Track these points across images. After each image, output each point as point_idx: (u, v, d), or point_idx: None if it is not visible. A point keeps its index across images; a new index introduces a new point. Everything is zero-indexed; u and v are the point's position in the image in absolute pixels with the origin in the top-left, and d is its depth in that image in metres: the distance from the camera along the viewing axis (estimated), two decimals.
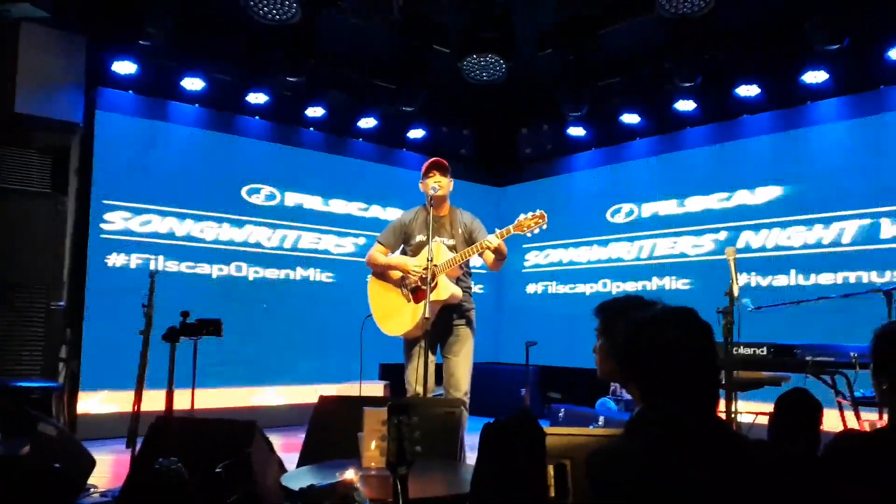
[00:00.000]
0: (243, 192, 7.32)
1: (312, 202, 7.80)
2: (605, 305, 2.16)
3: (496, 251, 3.88)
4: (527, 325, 8.49)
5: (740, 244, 6.91)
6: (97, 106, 6.42)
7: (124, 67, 6.35)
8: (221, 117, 7.22)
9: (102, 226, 6.46)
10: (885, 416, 1.87)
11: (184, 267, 6.90)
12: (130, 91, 6.65)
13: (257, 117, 7.42)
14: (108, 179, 6.46)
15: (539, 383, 8.13)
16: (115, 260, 6.51)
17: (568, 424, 6.75)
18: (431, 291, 3.83)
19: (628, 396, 5.90)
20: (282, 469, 3.24)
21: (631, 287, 7.89)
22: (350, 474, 2.08)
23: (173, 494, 2.67)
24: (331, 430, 3.22)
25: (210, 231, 7.09)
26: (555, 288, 8.79)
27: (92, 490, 4.01)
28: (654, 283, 7.73)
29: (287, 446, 4.84)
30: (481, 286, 8.79)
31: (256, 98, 7.14)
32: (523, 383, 7.06)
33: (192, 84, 6.75)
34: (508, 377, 7.79)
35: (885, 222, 6.07)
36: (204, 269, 7.03)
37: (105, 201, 6.48)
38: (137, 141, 6.68)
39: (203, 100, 7.01)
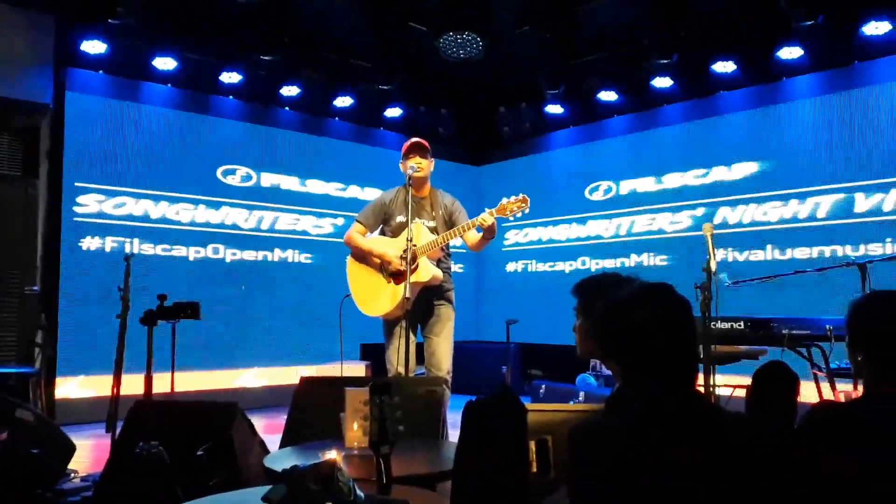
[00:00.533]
0: (219, 173, 7.23)
1: (289, 182, 7.72)
2: (583, 284, 2.16)
3: (488, 229, 3.87)
4: (507, 304, 8.53)
5: (717, 220, 6.97)
6: (67, 87, 6.29)
7: (94, 47, 6.21)
8: (195, 97, 7.10)
9: (75, 209, 6.35)
10: (860, 387, 1.90)
11: (160, 250, 6.82)
12: (101, 71, 6.52)
13: (231, 97, 7.32)
14: (79, 161, 6.35)
15: (520, 361, 8.19)
16: (90, 243, 6.41)
17: (549, 401, 6.82)
18: (412, 273, 3.82)
19: (608, 372, 5.96)
20: (264, 450, 3.23)
21: (610, 264, 7.95)
22: (333, 454, 2.08)
23: (154, 478, 2.65)
24: (312, 411, 3.21)
25: (186, 213, 7.01)
26: (534, 266, 8.82)
27: (72, 475, 3.97)
28: (632, 260, 7.78)
29: (269, 428, 4.83)
30: (461, 265, 8.81)
31: (230, 77, 7.02)
32: (504, 361, 7.10)
33: (165, 64, 6.62)
34: (490, 355, 7.83)
35: (859, 196, 6.15)
36: (181, 251, 6.95)
37: (77, 184, 6.37)
38: (109, 122, 6.56)
39: (176, 80, 6.89)
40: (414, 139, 4.16)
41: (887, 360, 1.78)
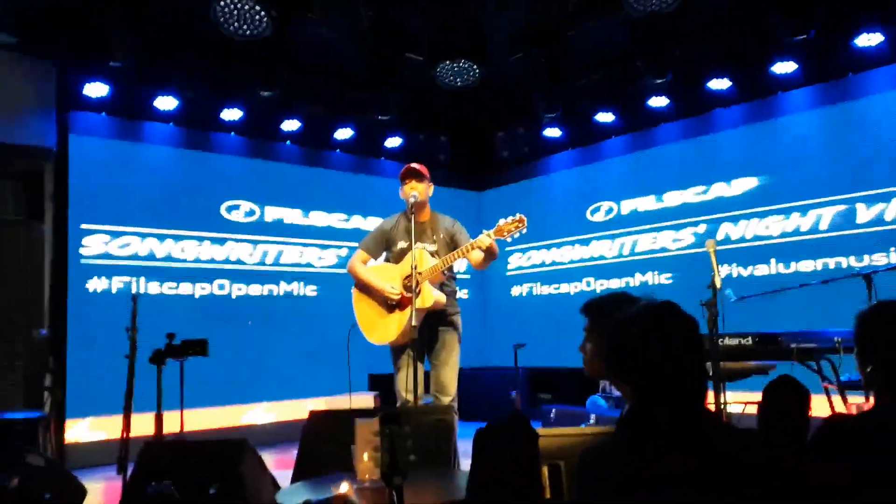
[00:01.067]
0: (222, 209, 7.28)
1: (292, 216, 7.77)
2: (591, 304, 2.16)
3: (487, 250, 3.88)
4: (513, 328, 8.51)
5: (720, 236, 6.98)
6: (70, 129, 6.37)
7: (96, 90, 6.29)
8: (196, 135, 7.18)
9: (81, 251, 6.38)
10: (871, 399, 1.90)
11: (166, 288, 6.84)
12: (103, 113, 6.60)
13: (233, 133, 7.39)
14: (84, 203, 6.40)
15: (529, 385, 8.15)
16: (96, 284, 6.44)
17: (559, 424, 6.77)
18: (416, 298, 3.83)
19: (618, 393, 5.92)
20: (276, 486, 3.21)
21: (615, 284, 7.94)
22: (345, 487, 2.07)
23: None
24: (323, 444, 3.20)
25: (191, 250, 7.04)
26: (539, 289, 8.82)
27: None
28: (636, 280, 7.78)
29: (280, 463, 4.81)
30: (466, 291, 8.81)
31: (230, 114, 7.11)
32: (513, 386, 7.06)
33: (165, 103, 6.70)
34: (498, 381, 7.79)
35: (860, 207, 6.16)
36: (186, 289, 6.97)
37: (83, 226, 6.41)
38: (113, 163, 6.62)
39: (177, 118, 6.97)
40: (410, 165, 4.19)
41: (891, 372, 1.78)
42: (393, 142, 8.20)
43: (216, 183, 7.25)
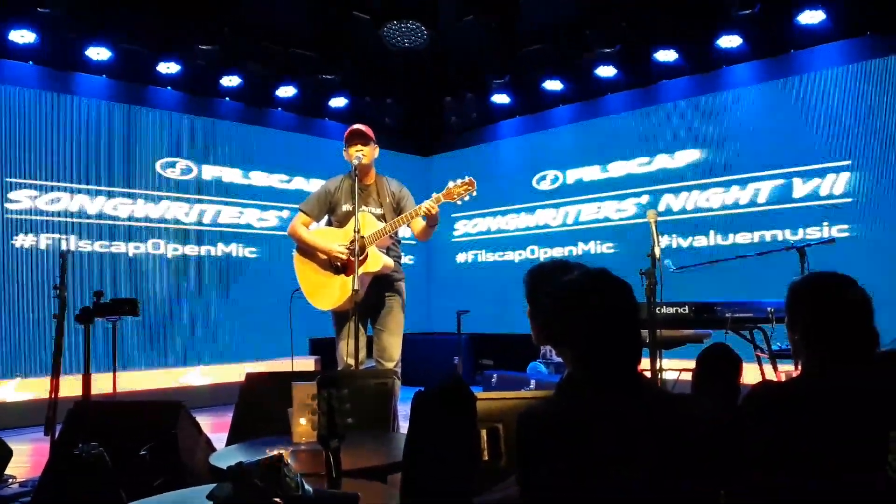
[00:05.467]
0: (158, 166, 7.04)
1: (231, 175, 7.56)
2: (530, 273, 2.18)
3: (430, 218, 3.84)
4: (458, 294, 8.53)
5: (661, 207, 7.10)
6: None
7: (22, 37, 5.96)
8: (131, 89, 6.90)
9: (7, 205, 6.10)
10: (799, 367, 1.95)
11: (98, 246, 6.60)
12: (31, 62, 6.26)
13: (169, 88, 7.11)
14: (11, 156, 6.11)
15: (472, 351, 8.21)
16: (23, 241, 6.16)
17: (501, 389, 6.85)
18: (361, 264, 3.78)
19: (558, 359, 6.02)
20: (211, 449, 3.15)
21: (558, 253, 8.02)
22: (280, 450, 2.03)
23: (95, 480, 2.56)
24: (260, 407, 3.14)
25: (124, 208, 6.80)
26: (484, 256, 8.85)
27: (10, 480, 3.83)
28: (579, 249, 7.87)
29: (216, 426, 4.74)
30: (411, 257, 8.77)
31: (168, 68, 6.81)
32: (456, 352, 7.11)
33: (98, 54, 6.40)
34: (441, 346, 7.82)
35: (797, 182, 6.33)
36: (120, 247, 6.73)
37: (8, 179, 6.11)
38: (41, 115, 6.33)
39: (111, 70, 6.67)
40: (355, 126, 4.08)
41: (821, 340, 1.83)
42: (338, 102, 8.02)
43: (151, 139, 7.00)
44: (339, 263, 3.97)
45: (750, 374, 3.47)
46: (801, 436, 1.65)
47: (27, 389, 5.97)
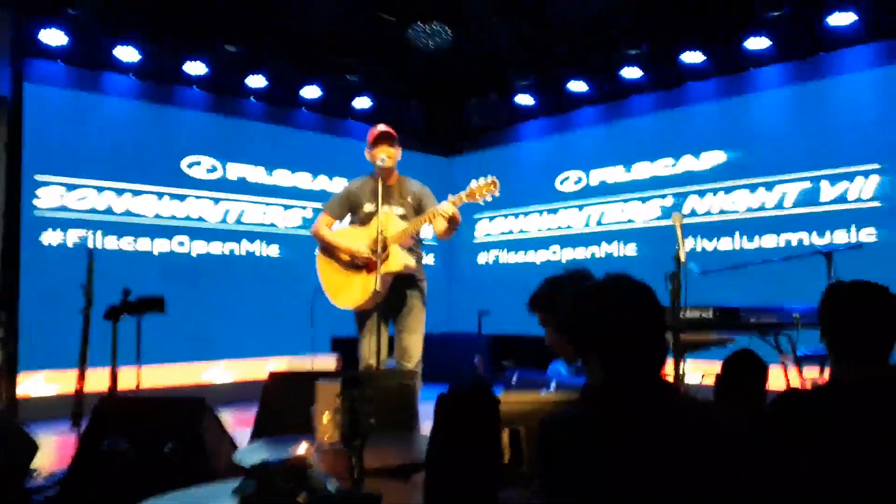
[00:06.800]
0: (183, 164, 7.11)
1: (256, 174, 7.61)
2: (536, 298, 2.20)
3: (450, 219, 3.83)
4: (479, 295, 8.52)
5: (686, 209, 7.03)
6: (25, 78, 6.13)
7: (53, 37, 6.06)
8: (158, 88, 6.97)
9: (35, 202, 6.20)
10: (826, 373, 1.94)
11: (124, 244, 6.69)
12: (60, 62, 6.36)
13: (195, 87, 7.19)
14: (39, 154, 6.19)
15: (492, 352, 8.18)
16: (51, 238, 6.26)
17: (521, 389, 6.82)
18: (383, 263, 3.79)
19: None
20: (234, 446, 3.18)
21: (581, 254, 7.98)
22: (304, 449, 2.04)
23: (120, 476, 2.59)
24: (283, 405, 3.16)
25: (150, 206, 6.88)
26: (506, 257, 8.83)
27: (35, 474, 3.87)
28: (602, 251, 7.82)
29: (239, 422, 4.78)
30: (433, 256, 8.78)
31: (195, 68, 6.88)
32: (477, 351, 7.09)
33: (126, 54, 6.47)
34: (462, 346, 7.80)
35: (824, 185, 6.24)
36: (145, 245, 6.82)
37: (37, 177, 6.21)
38: (70, 113, 6.42)
39: (137, 70, 6.76)
40: (380, 127, 4.08)
41: (847, 347, 1.82)
42: (362, 103, 8.05)
43: (177, 138, 7.07)
44: (360, 263, 3.98)
45: (775, 380, 3.44)
46: (832, 446, 1.63)
47: (54, 382, 6.06)
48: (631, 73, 7.18)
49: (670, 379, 3.55)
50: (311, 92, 7.68)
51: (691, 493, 1.39)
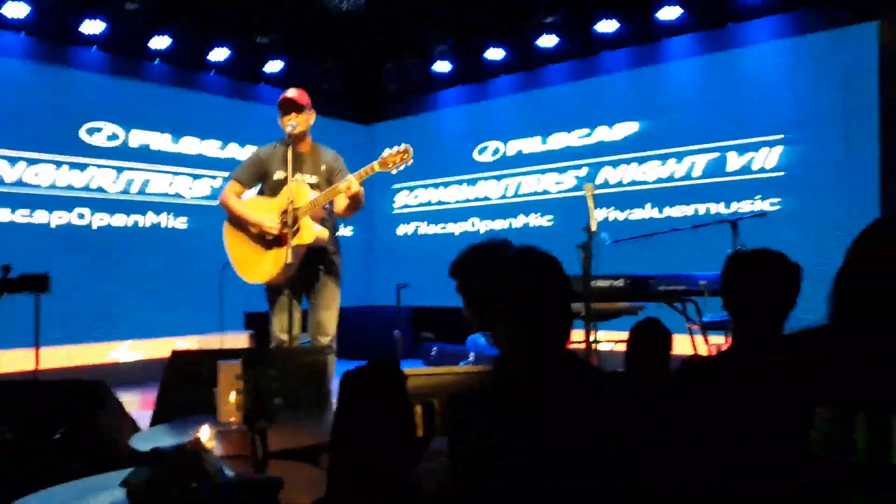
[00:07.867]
0: (82, 131, 6.69)
1: (161, 142, 7.25)
2: (457, 263, 2.19)
3: (352, 196, 3.70)
4: (398, 267, 8.46)
5: (600, 180, 7.14)
6: None
7: None
8: (53, 49, 6.51)
9: None
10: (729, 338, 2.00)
11: (17, 216, 6.27)
12: None
13: (94, 48, 6.75)
14: None
15: (412, 324, 8.16)
16: None
17: (440, 362, 6.86)
18: (294, 235, 3.66)
19: None
20: (136, 430, 3.03)
21: (499, 225, 8.02)
22: (206, 431, 1.94)
23: (3, 465, 2.42)
24: (186, 385, 3.03)
25: (46, 175, 6.46)
26: (425, 228, 8.78)
27: None
28: (519, 221, 7.88)
29: (146, 404, 4.59)
30: (350, 228, 8.64)
31: (93, 27, 6.44)
32: (396, 325, 7.05)
33: (15, 10, 6.01)
34: (381, 320, 7.75)
35: (731, 155, 6.45)
36: (41, 217, 6.41)
37: None
38: None
39: (29, 27, 6.28)
40: (288, 93, 3.91)
41: (746, 312, 1.88)
42: (274, 66, 7.75)
43: (75, 102, 6.64)
44: (269, 238, 3.84)
45: (681, 346, 3.53)
46: (725, 411, 1.67)
47: None
48: (547, 41, 7.18)
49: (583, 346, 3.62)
50: (219, 54, 7.33)
51: (598, 462, 1.39)
